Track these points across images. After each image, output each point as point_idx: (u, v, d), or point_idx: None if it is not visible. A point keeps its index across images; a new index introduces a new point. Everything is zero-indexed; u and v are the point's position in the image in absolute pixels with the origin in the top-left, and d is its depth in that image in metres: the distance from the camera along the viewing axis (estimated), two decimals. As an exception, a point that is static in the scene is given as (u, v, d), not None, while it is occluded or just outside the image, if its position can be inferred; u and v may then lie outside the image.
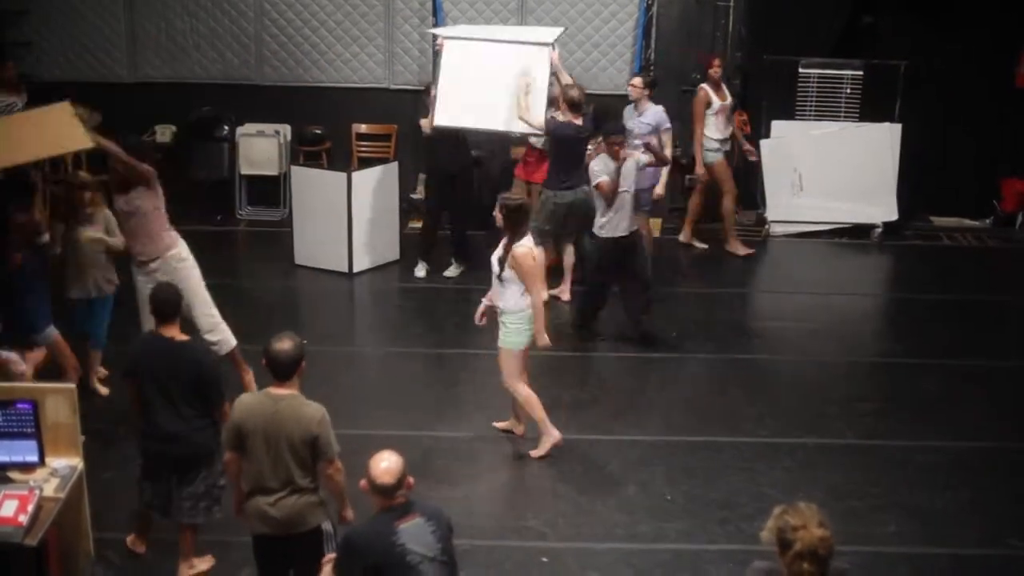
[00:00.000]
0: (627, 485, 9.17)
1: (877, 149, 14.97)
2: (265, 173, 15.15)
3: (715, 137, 14.10)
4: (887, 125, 14.98)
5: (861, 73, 15.05)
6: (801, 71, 15.13)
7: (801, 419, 10.29)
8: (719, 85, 14.06)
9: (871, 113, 15.10)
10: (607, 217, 11.19)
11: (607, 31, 15.29)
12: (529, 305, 9.17)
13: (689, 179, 14.89)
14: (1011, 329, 12.40)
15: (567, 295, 12.69)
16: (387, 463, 6.09)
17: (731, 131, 14.37)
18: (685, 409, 10.48)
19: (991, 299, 13.17)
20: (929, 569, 8.21)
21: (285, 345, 6.81)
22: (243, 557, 7.49)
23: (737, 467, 9.45)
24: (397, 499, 6.09)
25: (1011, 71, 15.00)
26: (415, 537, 6.03)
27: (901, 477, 9.35)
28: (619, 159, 11.09)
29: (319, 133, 15.34)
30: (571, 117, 11.85)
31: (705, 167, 14.12)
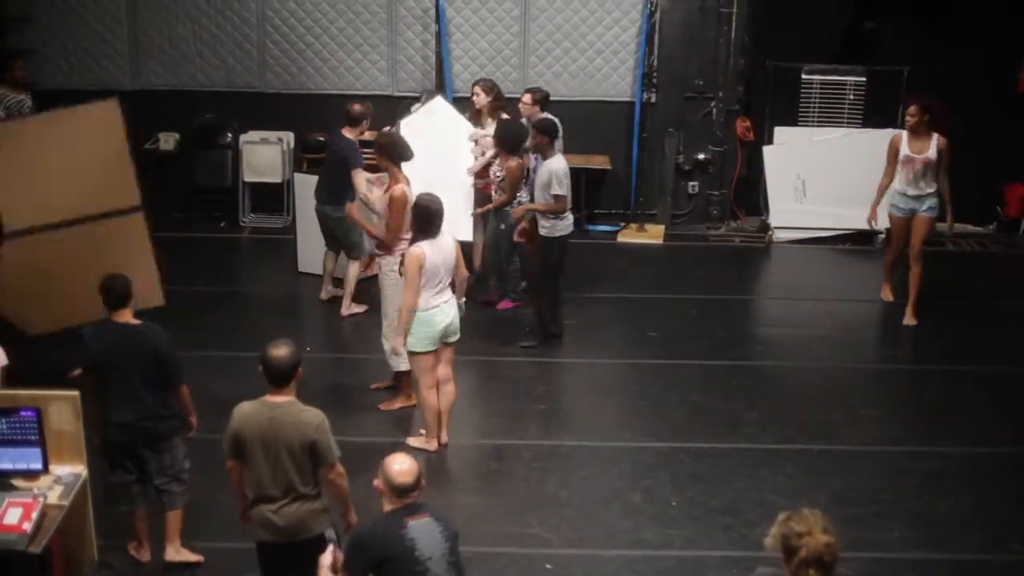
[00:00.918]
0: (632, 492, 9.17)
1: (880, 155, 14.88)
2: (268, 180, 15.15)
3: (897, 189, 12.60)
4: (890, 131, 14.93)
5: (864, 79, 15.06)
6: (804, 77, 15.14)
7: (805, 425, 10.28)
8: (917, 133, 12.26)
9: (874, 119, 15.10)
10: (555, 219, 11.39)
11: (610, 38, 15.31)
12: (423, 308, 9.25)
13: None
14: (1014, 334, 12.37)
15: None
16: (405, 464, 6.22)
17: (927, 189, 12.41)
18: (689, 415, 10.47)
19: (994, 304, 13.17)
20: (933, 574, 8.20)
21: (281, 352, 6.83)
22: (245, 563, 7.48)
23: (741, 473, 9.44)
24: (410, 499, 6.19)
25: (1013, 77, 15.01)
26: (424, 534, 6.13)
27: (905, 483, 9.34)
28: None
29: (322, 140, 15.31)
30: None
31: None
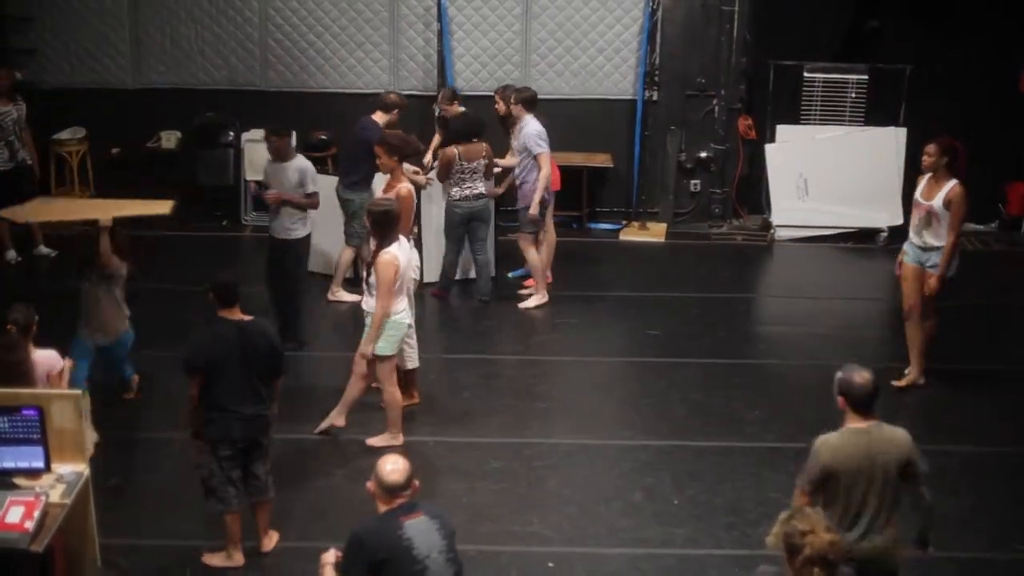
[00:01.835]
0: (633, 490, 9.16)
1: (882, 153, 14.97)
2: (270, 179, 15.16)
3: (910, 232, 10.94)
4: (892, 129, 14.98)
5: (866, 77, 15.06)
6: (806, 75, 15.14)
7: (807, 423, 10.21)
8: (935, 176, 10.55)
9: (876, 117, 15.10)
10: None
11: (612, 36, 15.30)
12: (395, 311, 9.37)
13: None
14: (1016, 333, 12.38)
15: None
16: (395, 464, 6.25)
17: (931, 242, 10.58)
18: (690, 414, 10.46)
19: (996, 303, 13.16)
20: (935, 574, 8.17)
21: (866, 376, 6.85)
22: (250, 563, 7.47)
23: (743, 472, 9.44)
24: (402, 499, 6.21)
25: (1015, 75, 14.99)
26: (421, 533, 6.15)
27: (907, 482, 9.33)
28: None
29: (324, 139, 15.31)
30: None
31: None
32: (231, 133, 15.31)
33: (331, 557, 6.37)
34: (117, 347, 10.05)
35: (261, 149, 14.99)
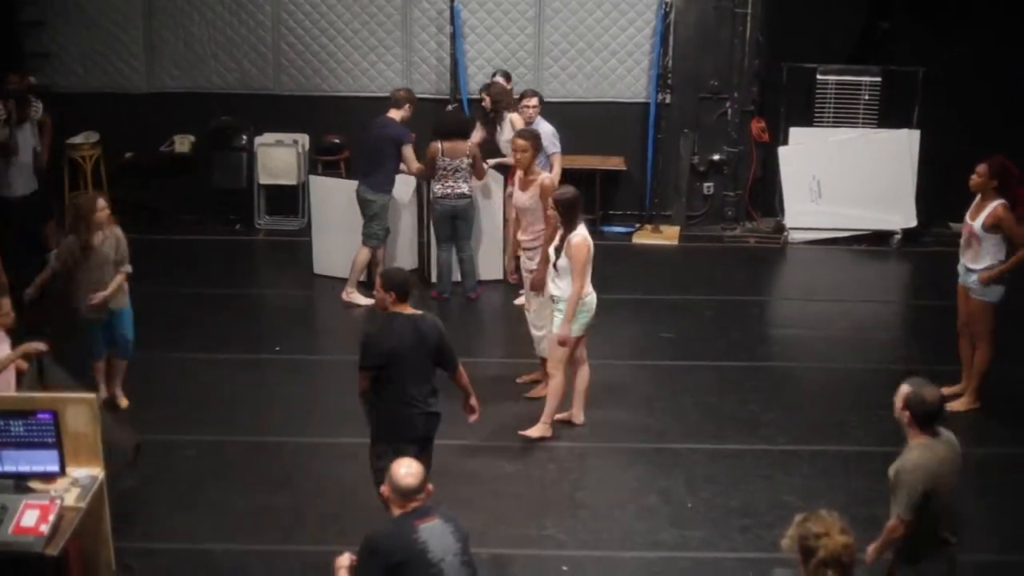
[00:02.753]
0: (647, 493, 9.16)
1: (895, 155, 14.94)
2: (283, 182, 15.17)
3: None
4: (905, 131, 14.95)
5: (879, 79, 15.03)
6: (819, 78, 15.10)
7: (821, 426, 10.26)
8: (983, 196, 10.32)
9: (889, 119, 15.07)
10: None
11: (624, 39, 15.29)
12: (587, 293, 9.74)
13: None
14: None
15: None
16: (409, 467, 6.26)
17: (969, 264, 10.38)
18: (704, 416, 10.45)
19: (1009, 306, 13.10)
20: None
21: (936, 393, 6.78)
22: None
23: (757, 475, 9.43)
24: (416, 502, 6.21)
25: (1027, 78, 14.97)
26: (436, 536, 6.15)
27: (922, 484, 9.31)
28: None
29: (337, 142, 15.34)
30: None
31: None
32: (244, 137, 15.33)
33: (346, 560, 6.38)
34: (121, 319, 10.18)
35: (275, 152, 15.14)
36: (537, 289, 10.43)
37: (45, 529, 6.75)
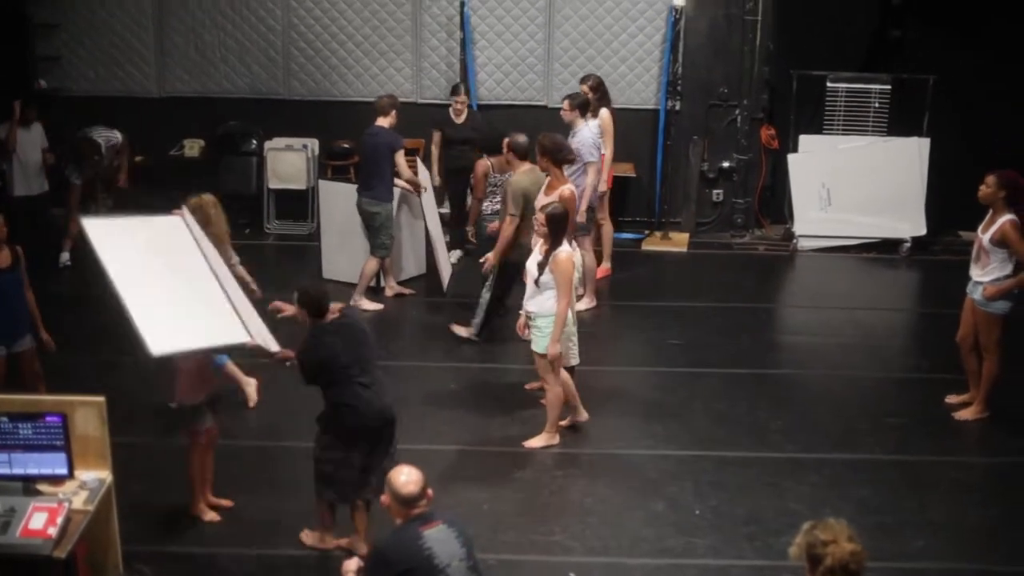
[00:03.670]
0: (655, 500, 9.15)
1: (905, 163, 14.92)
2: (293, 187, 15.18)
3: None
4: (915, 139, 14.93)
5: (889, 87, 15.01)
6: (829, 85, 15.09)
7: (829, 434, 10.25)
8: (994, 209, 10.28)
9: (899, 127, 15.06)
10: None
11: (634, 45, 15.30)
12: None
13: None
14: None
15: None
16: (408, 475, 6.25)
17: (976, 276, 10.35)
18: (713, 424, 10.45)
19: (1019, 314, 13.08)
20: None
21: None
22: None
23: (765, 482, 9.42)
24: (418, 509, 6.21)
25: (1040, 86, 14.95)
26: (441, 542, 6.15)
27: (930, 492, 9.31)
28: None
29: (347, 147, 15.35)
30: None
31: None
32: (254, 141, 15.36)
33: (353, 565, 6.39)
34: None
35: (284, 157, 15.16)
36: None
37: (53, 532, 6.76)
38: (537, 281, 9.58)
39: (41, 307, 9.72)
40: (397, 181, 12.67)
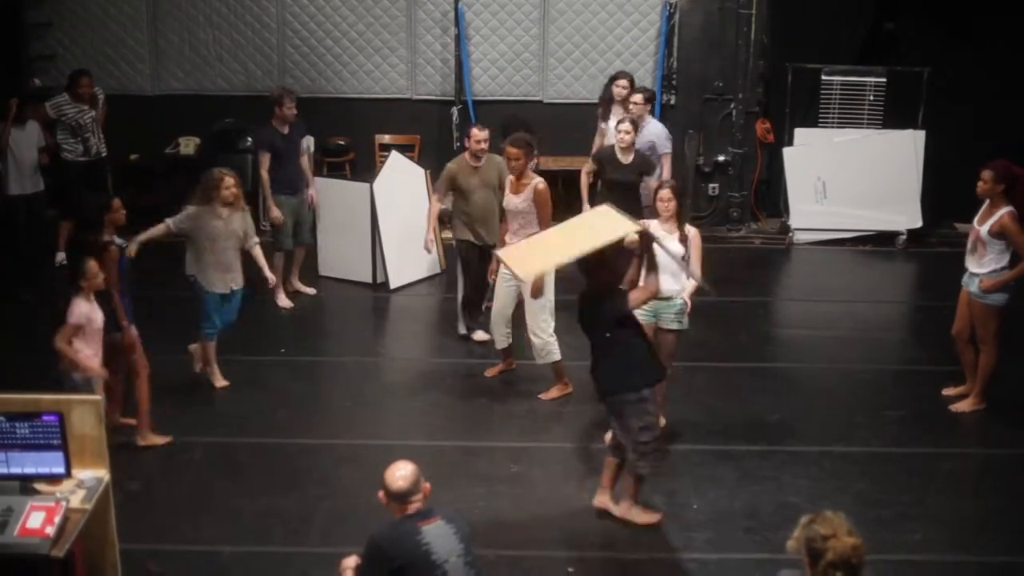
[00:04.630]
0: (653, 494, 9.13)
1: (901, 156, 14.94)
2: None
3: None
4: (910, 132, 14.94)
5: (884, 80, 15.03)
6: (824, 78, 15.11)
7: (827, 427, 10.25)
8: (992, 202, 10.27)
9: (894, 120, 15.07)
10: None
11: (629, 40, 15.31)
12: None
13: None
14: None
15: None
16: (402, 470, 6.24)
17: (972, 268, 10.36)
18: (710, 418, 10.44)
19: (1017, 305, 13.09)
20: (959, 577, 8.18)
21: None
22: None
23: (763, 476, 9.41)
24: (415, 504, 6.21)
25: (1034, 78, 14.96)
26: (439, 538, 6.13)
27: (928, 485, 9.31)
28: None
29: (342, 144, 15.36)
30: None
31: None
32: (249, 139, 15.33)
33: (352, 562, 6.37)
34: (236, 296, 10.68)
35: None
36: (536, 295, 10.42)
37: (51, 531, 6.75)
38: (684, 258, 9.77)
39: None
40: None
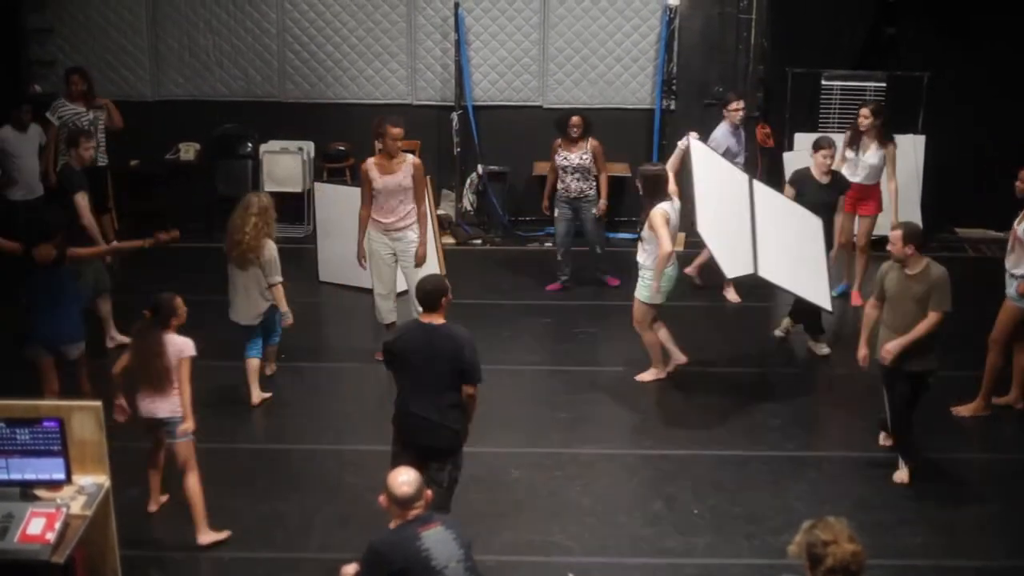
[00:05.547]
0: (653, 499, 9.15)
1: (901, 161, 14.89)
2: (289, 190, 15.15)
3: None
4: (911, 137, 14.91)
5: (884, 85, 15.01)
6: (824, 83, 15.09)
7: (827, 432, 10.28)
8: None
9: (894, 125, 15.01)
10: None
11: (629, 45, 15.31)
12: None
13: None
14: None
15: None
16: (405, 476, 6.30)
17: (1011, 269, 10.32)
18: (711, 423, 10.45)
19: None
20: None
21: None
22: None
23: (763, 481, 9.42)
24: (416, 510, 6.23)
25: (1034, 83, 14.96)
26: (438, 543, 6.18)
27: (929, 489, 9.30)
28: None
29: (342, 150, 15.35)
30: None
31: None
32: (249, 144, 15.36)
33: (352, 569, 6.39)
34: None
35: (280, 160, 15.17)
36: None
37: (51, 537, 6.77)
38: (640, 236, 10.77)
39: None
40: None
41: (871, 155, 12.75)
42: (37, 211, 12.94)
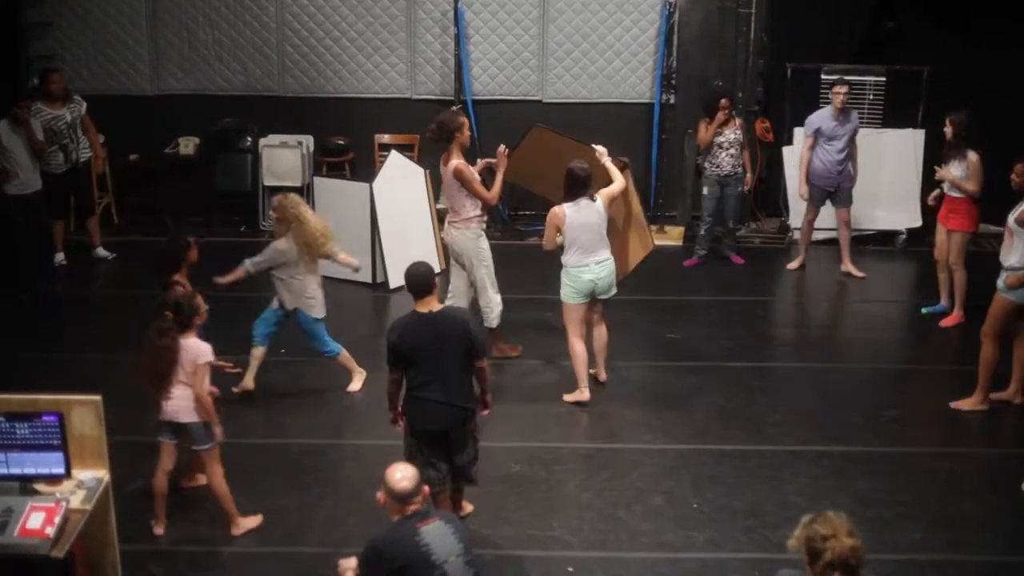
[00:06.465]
0: (653, 494, 9.15)
1: (901, 155, 14.92)
2: (288, 184, 15.13)
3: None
4: (910, 131, 14.93)
5: (884, 79, 15.02)
6: (823, 77, 15.08)
7: (827, 427, 10.25)
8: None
9: (894, 119, 15.06)
10: None
11: (629, 39, 15.31)
12: (572, 265, 10.45)
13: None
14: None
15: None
16: (403, 471, 6.31)
17: (1004, 260, 10.23)
18: (710, 417, 10.44)
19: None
20: (958, 576, 8.18)
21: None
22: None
23: (763, 475, 9.41)
24: (415, 505, 6.25)
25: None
26: (437, 538, 6.18)
27: (928, 484, 9.30)
28: None
29: (342, 144, 15.36)
30: None
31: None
32: (249, 138, 15.36)
33: (352, 563, 6.39)
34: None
35: (279, 154, 15.16)
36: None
37: (51, 531, 6.76)
38: None
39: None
40: None
41: (954, 166, 12.17)
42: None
